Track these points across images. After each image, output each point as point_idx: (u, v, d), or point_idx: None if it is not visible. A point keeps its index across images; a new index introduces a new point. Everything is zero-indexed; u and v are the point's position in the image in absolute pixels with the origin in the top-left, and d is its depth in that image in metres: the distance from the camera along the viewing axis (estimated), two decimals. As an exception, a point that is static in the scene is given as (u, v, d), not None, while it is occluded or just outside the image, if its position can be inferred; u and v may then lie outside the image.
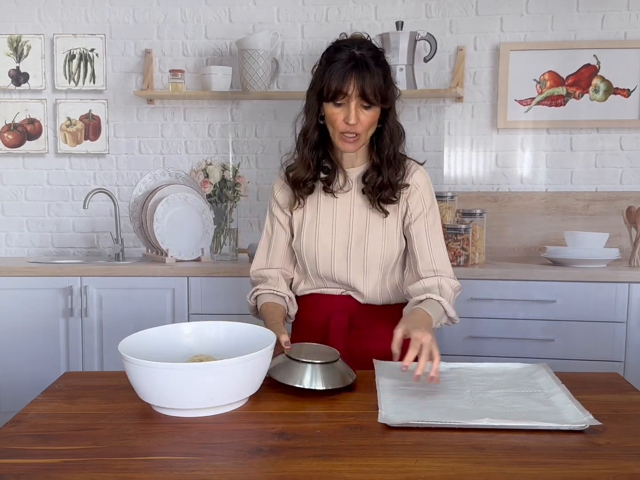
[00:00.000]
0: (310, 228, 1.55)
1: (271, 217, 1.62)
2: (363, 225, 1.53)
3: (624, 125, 2.90)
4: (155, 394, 1.13)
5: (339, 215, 1.54)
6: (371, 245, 1.52)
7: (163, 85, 3.05)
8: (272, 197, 1.61)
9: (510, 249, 2.97)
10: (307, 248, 1.55)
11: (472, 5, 2.93)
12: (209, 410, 1.14)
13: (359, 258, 1.53)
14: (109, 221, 3.08)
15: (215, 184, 2.83)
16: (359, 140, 1.44)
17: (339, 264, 1.54)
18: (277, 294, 1.59)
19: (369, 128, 1.44)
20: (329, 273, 1.55)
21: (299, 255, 1.58)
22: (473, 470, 0.93)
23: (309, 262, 1.56)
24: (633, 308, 2.42)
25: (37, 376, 2.58)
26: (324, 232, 1.54)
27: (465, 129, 2.99)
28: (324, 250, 1.54)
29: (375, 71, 1.38)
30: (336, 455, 0.98)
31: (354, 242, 1.53)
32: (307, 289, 1.61)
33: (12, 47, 3.04)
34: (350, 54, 1.38)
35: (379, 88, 1.38)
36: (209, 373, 1.10)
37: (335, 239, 1.54)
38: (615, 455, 0.98)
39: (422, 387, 1.25)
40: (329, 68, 1.39)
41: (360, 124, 1.41)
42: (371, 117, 1.42)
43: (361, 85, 1.37)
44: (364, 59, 1.38)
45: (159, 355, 1.23)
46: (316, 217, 1.55)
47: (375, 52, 1.42)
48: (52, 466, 0.94)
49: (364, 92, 1.37)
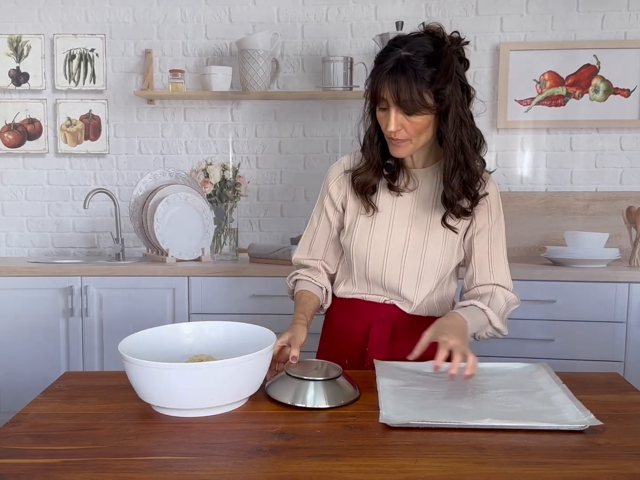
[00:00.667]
0: (364, 225, 1.46)
1: (320, 207, 1.53)
2: (423, 229, 1.44)
3: (624, 125, 2.90)
4: (155, 394, 1.13)
5: (397, 215, 1.45)
6: (430, 253, 1.43)
7: (163, 85, 3.06)
8: (325, 187, 1.51)
9: (510, 249, 2.94)
10: (358, 246, 1.45)
11: (472, 5, 2.93)
12: (209, 410, 1.14)
13: (414, 265, 1.44)
14: (109, 221, 3.08)
15: (215, 184, 2.83)
16: (409, 145, 1.34)
17: (391, 268, 1.45)
18: (315, 283, 1.52)
19: (419, 134, 1.33)
20: (379, 277, 1.46)
21: (347, 253, 1.49)
22: (473, 470, 0.93)
23: (357, 262, 1.47)
24: (633, 308, 2.43)
25: (37, 376, 2.58)
26: (379, 231, 1.45)
27: (465, 129, 2.99)
28: (376, 251, 1.44)
29: (417, 75, 1.25)
30: (336, 455, 0.98)
31: (410, 247, 1.44)
32: (348, 292, 1.52)
33: (12, 47, 3.04)
34: (395, 56, 1.27)
35: (418, 93, 1.25)
36: (209, 373, 1.10)
37: (390, 240, 1.44)
38: (615, 455, 0.98)
39: (422, 387, 1.25)
40: (373, 70, 1.32)
41: (405, 130, 1.31)
42: (417, 123, 1.30)
43: (395, 92, 1.26)
44: (406, 61, 1.25)
45: (159, 355, 1.23)
46: (373, 213, 1.45)
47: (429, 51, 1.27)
48: (52, 466, 0.94)
49: (398, 99, 1.26)
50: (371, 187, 1.44)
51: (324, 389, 1.19)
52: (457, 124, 1.32)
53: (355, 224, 1.47)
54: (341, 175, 1.49)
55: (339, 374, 1.24)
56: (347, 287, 1.53)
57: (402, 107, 1.27)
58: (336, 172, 1.51)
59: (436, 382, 1.28)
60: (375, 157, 1.42)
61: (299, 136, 3.05)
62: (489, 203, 1.45)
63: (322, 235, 1.54)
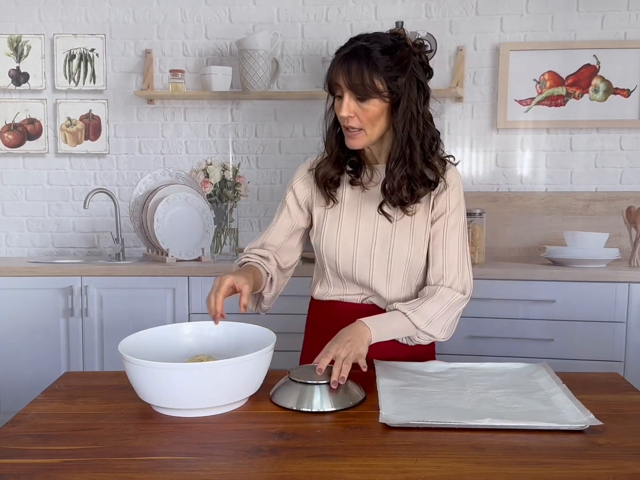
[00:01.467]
0: (332, 222, 1.47)
1: (282, 205, 1.54)
2: (389, 226, 1.44)
3: (624, 125, 2.90)
4: (155, 394, 1.13)
5: (364, 211, 1.46)
6: (397, 249, 1.43)
7: (163, 85, 3.06)
8: (290, 186, 1.53)
9: (510, 249, 2.97)
10: (327, 243, 1.46)
11: (472, 5, 2.93)
12: (209, 410, 1.14)
13: (383, 261, 1.44)
14: (110, 221, 3.08)
15: (215, 184, 2.83)
16: (362, 135, 1.36)
17: (361, 263, 1.45)
18: (265, 267, 1.48)
19: (373, 123, 1.34)
20: (350, 272, 1.46)
21: (318, 252, 1.50)
22: (473, 470, 0.93)
23: (328, 260, 1.47)
24: (633, 308, 2.42)
25: (37, 376, 2.58)
26: (347, 227, 1.46)
27: (465, 129, 2.99)
28: (345, 247, 1.45)
29: (370, 61, 1.28)
30: (336, 455, 0.98)
31: (378, 244, 1.44)
32: (325, 294, 1.52)
33: (12, 47, 3.04)
34: (352, 46, 1.32)
35: (370, 78, 1.28)
36: (208, 373, 1.10)
37: (358, 236, 1.45)
38: (615, 455, 0.98)
39: (422, 387, 1.25)
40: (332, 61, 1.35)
41: (358, 117, 1.33)
42: (369, 111, 1.32)
43: (347, 75, 1.29)
44: (361, 49, 1.29)
45: (159, 355, 1.23)
46: (340, 212, 1.47)
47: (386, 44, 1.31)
48: (52, 466, 0.94)
49: (350, 82, 1.29)
50: (331, 179, 1.46)
51: (330, 391, 1.19)
52: (407, 117, 1.35)
53: (323, 223, 1.48)
54: (308, 174, 1.51)
55: None
56: (323, 289, 1.53)
57: (353, 91, 1.31)
58: (303, 171, 1.53)
59: (436, 383, 1.29)
60: (334, 149, 1.44)
61: (299, 136, 3.05)
62: (448, 192, 1.44)
63: (279, 231, 1.53)
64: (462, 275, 1.45)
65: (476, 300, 2.48)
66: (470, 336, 2.51)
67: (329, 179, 1.45)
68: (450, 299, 1.42)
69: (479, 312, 2.49)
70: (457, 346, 2.50)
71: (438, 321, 1.40)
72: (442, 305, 1.41)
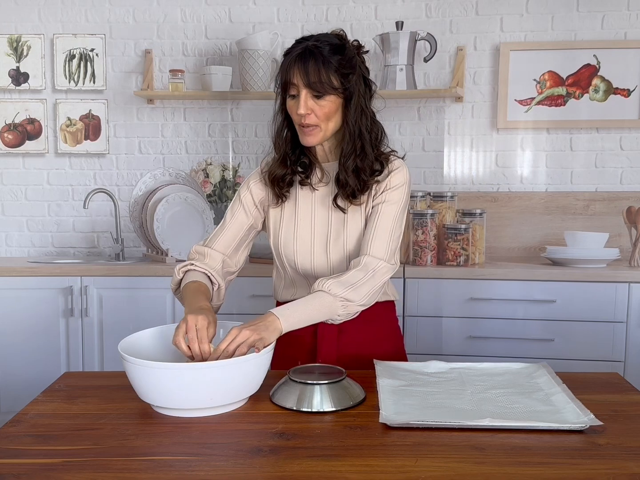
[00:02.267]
0: (288, 223, 1.51)
1: (236, 203, 1.54)
2: (341, 218, 1.48)
3: (624, 125, 2.90)
4: (155, 394, 1.13)
5: (317, 209, 1.50)
6: (350, 241, 1.47)
7: (163, 85, 3.06)
8: (246, 185, 1.54)
9: (510, 249, 2.97)
10: (285, 243, 1.50)
11: (472, 5, 2.93)
12: (209, 410, 1.14)
13: (339, 254, 1.48)
14: (109, 221, 3.08)
15: (215, 184, 2.83)
16: (318, 132, 1.40)
17: (319, 261, 1.49)
18: (211, 275, 1.46)
19: (328, 119, 1.39)
20: (309, 269, 1.49)
21: (276, 252, 1.53)
22: (473, 470, 0.93)
23: (287, 260, 1.51)
24: (633, 308, 2.42)
25: (37, 376, 2.58)
26: (303, 226, 1.49)
27: (465, 129, 2.99)
28: (302, 245, 1.49)
29: (325, 59, 1.34)
30: (336, 455, 0.98)
31: (332, 238, 1.48)
32: (290, 296, 1.54)
33: (12, 47, 3.04)
34: (302, 46, 1.37)
35: (327, 75, 1.34)
36: (209, 373, 1.10)
37: (314, 233, 1.49)
38: (615, 455, 0.98)
39: (422, 387, 1.25)
40: (283, 62, 1.40)
41: (315, 114, 1.37)
42: (326, 107, 1.37)
43: (305, 73, 1.34)
44: (313, 48, 1.35)
45: (159, 355, 1.23)
46: (294, 212, 1.51)
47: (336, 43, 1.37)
48: (52, 466, 0.94)
49: (308, 80, 1.34)
50: (282, 178, 1.49)
51: (330, 391, 1.19)
52: (358, 112, 1.41)
53: (280, 224, 1.52)
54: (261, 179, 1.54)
55: (343, 376, 1.23)
56: (287, 291, 1.55)
57: (312, 88, 1.35)
58: (256, 177, 1.56)
59: (436, 383, 1.29)
60: (282, 148, 1.49)
61: (299, 136, 3.05)
62: (389, 181, 1.46)
63: (233, 229, 1.52)
64: (389, 245, 1.43)
65: (476, 300, 2.49)
66: (470, 336, 2.51)
67: (279, 178, 1.49)
68: (375, 267, 1.40)
69: (479, 312, 2.49)
70: (457, 346, 2.51)
71: (361, 288, 1.38)
72: (365, 273, 1.39)
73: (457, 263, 2.59)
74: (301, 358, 1.47)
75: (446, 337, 2.52)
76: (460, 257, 2.59)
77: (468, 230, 2.61)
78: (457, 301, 2.50)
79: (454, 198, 2.73)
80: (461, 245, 2.59)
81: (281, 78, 1.39)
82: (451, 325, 2.52)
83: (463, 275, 2.49)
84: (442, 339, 2.52)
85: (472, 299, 2.49)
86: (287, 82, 1.38)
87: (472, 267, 2.58)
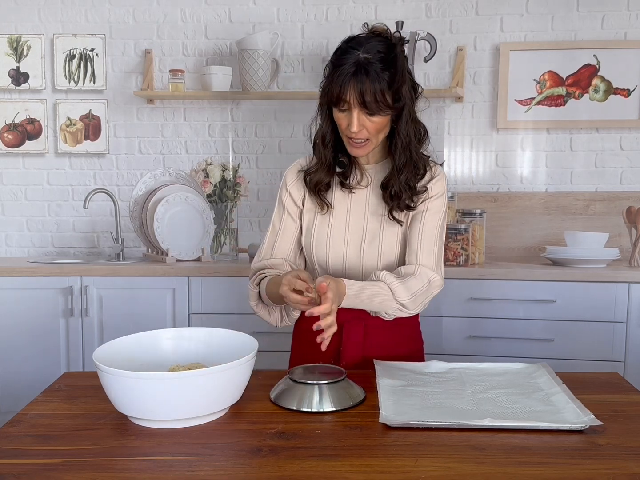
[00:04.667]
0: (322, 223, 1.49)
1: (280, 210, 1.54)
2: (378, 224, 1.47)
3: (624, 125, 2.90)
4: (134, 406, 1.07)
5: (353, 211, 1.49)
6: (385, 246, 1.47)
7: (163, 85, 3.06)
8: (284, 188, 1.54)
9: (510, 249, 2.97)
10: (318, 245, 1.49)
11: (472, 5, 2.93)
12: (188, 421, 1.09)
13: (373, 259, 1.47)
14: (109, 221, 3.08)
15: (215, 184, 2.83)
16: (368, 144, 1.40)
17: (351, 264, 1.48)
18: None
19: (379, 133, 1.39)
20: (340, 271, 1.48)
21: (308, 252, 1.52)
22: (473, 470, 0.93)
23: (319, 261, 1.49)
24: (633, 308, 2.42)
25: (37, 376, 2.58)
26: (337, 228, 1.48)
27: (465, 129, 2.99)
28: (335, 247, 1.48)
29: (379, 77, 1.30)
30: (336, 455, 0.98)
31: (367, 242, 1.47)
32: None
33: (12, 47, 3.04)
34: (354, 59, 1.31)
35: (382, 94, 1.31)
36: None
37: (348, 237, 1.48)
38: (615, 455, 0.98)
39: (422, 387, 1.26)
40: (332, 72, 1.35)
41: (367, 130, 1.36)
42: (378, 123, 1.36)
43: (360, 93, 1.30)
44: (366, 64, 1.30)
45: (133, 364, 1.19)
46: (330, 212, 1.49)
47: (385, 54, 1.33)
48: (52, 466, 0.94)
49: (363, 101, 1.31)
50: (324, 185, 1.48)
51: (330, 391, 1.18)
52: (409, 121, 1.40)
53: (314, 224, 1.51)
54: (299, 176, 1.53)
55: (343, 376, 1.23)
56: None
57: (366, 108, 1.33)
58: (293, 173, 1.55)
59: (436, 383, 1.29)
60: (328, 157, 1.47)
61: (299, 136, 3.05)
62: (430, 188, 1.47)
63: (285, 237, 1.53)
64: (436, 256, 1.46)
65: (476, 300, 2.49)
66: (470, 336, 2.51)
67: (321, 184, 1.48)
68: (430, 278, 1.43)
69: (479, 312, 2.49)
70: (457, 346, 2.51)
71: (419, 297, 1.42)
72: (423, 283, 1.42)
73: (457, 263, 2.59)
74: (324, 359, 1.46)
75: (446, 337, 2.52)
76: (460, 257, 2.59)
77: (468, 230, 2.61)
78: (457, 301, 2.50)
79: (454, 198, 2.72)
80: (461, 245, 2.59)
81: (331, 90, 1.34)
82: (451, 325, 2.52)
83: (463, 275, 2.49)
84: (442, 339, 2.51)
85: (472, 298, 2.49)
86: (338, 98, 1.34)
87: (472, 267, 2.58)
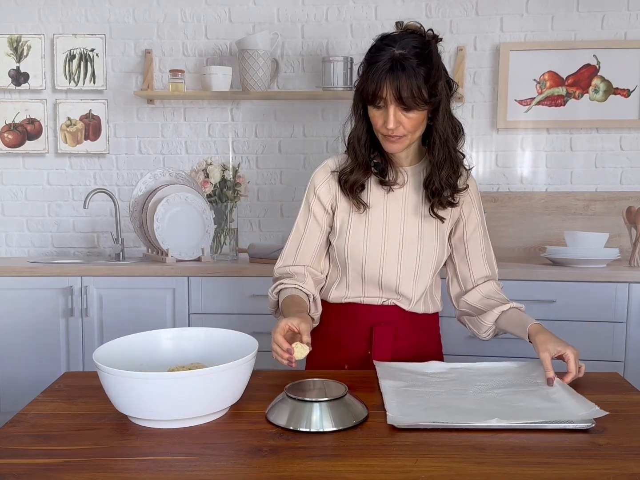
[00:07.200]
0: (358, 225, 1.44)
1: (306, 212, 1.48)
2: (416, 224, 1.44)
3: (624, 125, 2.90)
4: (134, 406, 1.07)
5: (390, 211, 1.44)
6: (425, 247, 1.44)
7: (163, 85, 3.06)
8: (312, 191, 1.48)
9: (510, 249, 2.97)
10: (353, 246, 1.43)
11: (472, 5, 2.93)
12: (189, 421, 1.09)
13: (411, 260, 1.44)
14: (109, 221, 3.08)
15: (215, 184, 2.83)
16: (404, 140, 1.36)
17: (389, 267, 1.44)
18: (302, 289, 1.44)
19: (415, 129, 1.35)
20: (376, 277, 1.44)
21: (340, 255, 1.45)
22: (473, 470, 0.93)
23: (353, 263, 1.44)
24: (633, 308, 2.42)
25: (37, 376, 2.58)
26: (374, 229, 1.43)
27: (465, 129, 2.98)
28: (373, 250, 1.43)
29: (415, 72, 1.27)
30: (336, 455, 0.97)
31: (406, 243, 1.43)
32: (342, 297, 1.48)
33: (12, 47, 3.04)
34: (389, 55, 1.28)
35: (418, 90, 1.28)
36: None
37: (386, 238, 1.43)
38: (615, 455, 0.98)
39: (424, 388, 1.25)
40: (367, 70, 1.32)
41: (403, 126, 1.33)
42: (414, 119, 1.33)
43: (397, 89, 1.27)
44: (402, 59, 1.27)
45: (133, 364, 1.19)
46: (366, 213, 1.44)
47: (420, 49, 1.30)
48: (52, 466, 0.94)
49: (400, 97, 1.28)
50: (360, 185, 1.44)
51: (330, 410, 1.08)
52: (446, 117, 1.38)
53: (348, 224, 1.45)
54: (329, 177, 1.47)
55: (344, 392, 1.13)
56: (339, 292, 1.49)
57: (403, 103, 1.29)
58: (323, 175, 1.48)
59: (436, 383, 1.28)
60: (365, 156, 1.43)
61: (299, 136, 3.05)
62: (473, 200, 1.50)
63: (310, 239, 1.49)
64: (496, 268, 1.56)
65: (476, 300, 2.49)
66: (471, 336, 2.49)
67: (358, 185, 1.43)
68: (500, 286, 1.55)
69: (479, 312, 2.49)
70: (457, 346, 2.50)
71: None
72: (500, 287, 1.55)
73: (457, 263, 2.58)
74: (350, 361, 1.47)
75: (446, 337, 2.50)
76: (460, 257, 2.59)
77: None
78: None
79: (454, 198, 2.72)
80: (461, 245, 2.58)
81: (366, 88, 1.31)
82: (451, 325, 2.51)
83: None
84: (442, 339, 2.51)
85: (472, 299, 2.48)
86: (374, 95, 1.30)
87: (472, 267, 2.58)
